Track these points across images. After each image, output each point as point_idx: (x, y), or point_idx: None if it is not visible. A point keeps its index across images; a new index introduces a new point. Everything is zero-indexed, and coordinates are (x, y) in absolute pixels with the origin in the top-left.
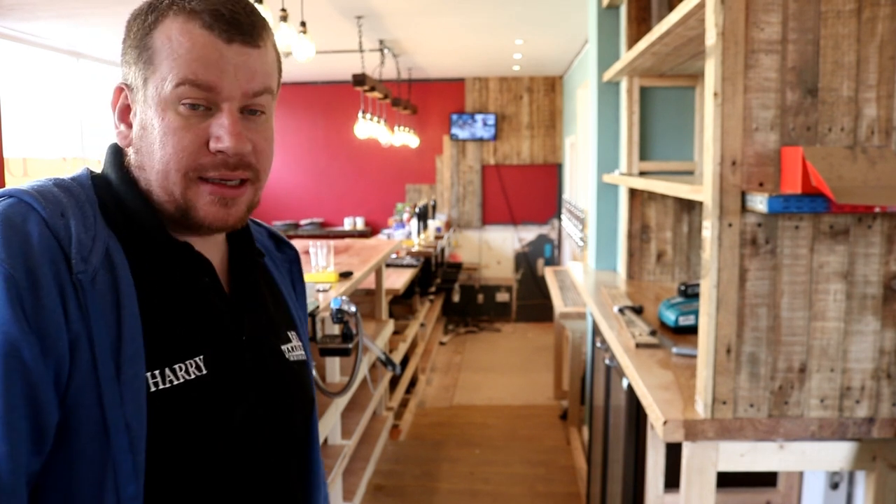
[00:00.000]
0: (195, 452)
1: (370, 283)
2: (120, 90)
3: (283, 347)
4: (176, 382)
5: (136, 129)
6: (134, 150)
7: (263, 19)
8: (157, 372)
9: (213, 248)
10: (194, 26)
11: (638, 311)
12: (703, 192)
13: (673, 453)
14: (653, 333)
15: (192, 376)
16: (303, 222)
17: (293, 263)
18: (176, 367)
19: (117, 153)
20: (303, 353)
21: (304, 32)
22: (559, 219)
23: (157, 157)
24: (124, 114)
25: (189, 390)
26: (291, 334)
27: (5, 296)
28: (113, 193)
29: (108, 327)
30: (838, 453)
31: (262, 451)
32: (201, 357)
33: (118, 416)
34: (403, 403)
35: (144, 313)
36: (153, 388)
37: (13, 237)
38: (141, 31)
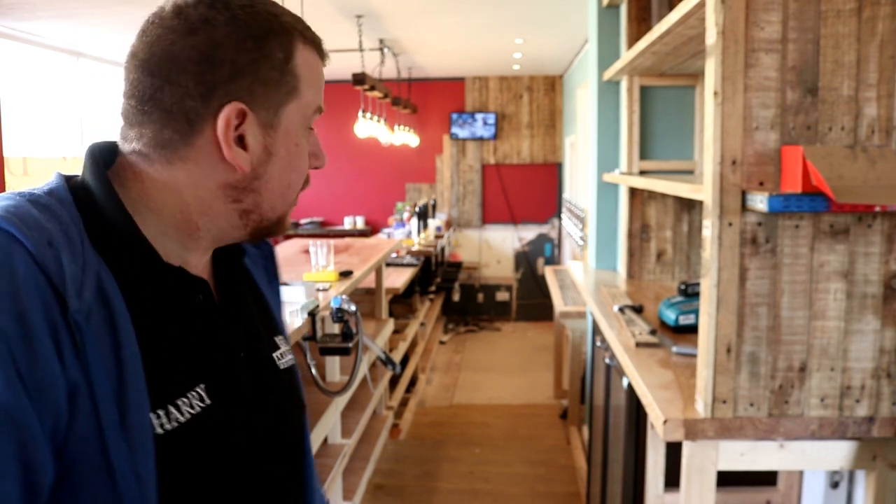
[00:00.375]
0: (205, 486)
1: (370, 282)
2: (241, 111)
3: (274, 356)
4: (182, 420)
5: (256, 154)
6: (245, 175)
7: None
8: (161, 412)
9: (204, 256)
10: (316, 56)
11: (638, 310)
12: (704, 191)
13: (673, 453)
14: (653, 333)
15: (197, 409)
16: (303, 221)
17: (268, 259)
18: (179, 402)
19: (98, 160)
20: (291, 357)
21: None
22: (559, 218)
23: (278, 181)
24: (237, 135)
25: (196, 426)
26: (279, 339)
27: None
28: (97, 209)
29: (108, 370)
30: (838, 452)
31: (265, 469)
32: (203, 386)
33: (126, 465)
34: (403, 403)
35: (143, 348)
36: (159, 431)
37: None
38: (279, 51)
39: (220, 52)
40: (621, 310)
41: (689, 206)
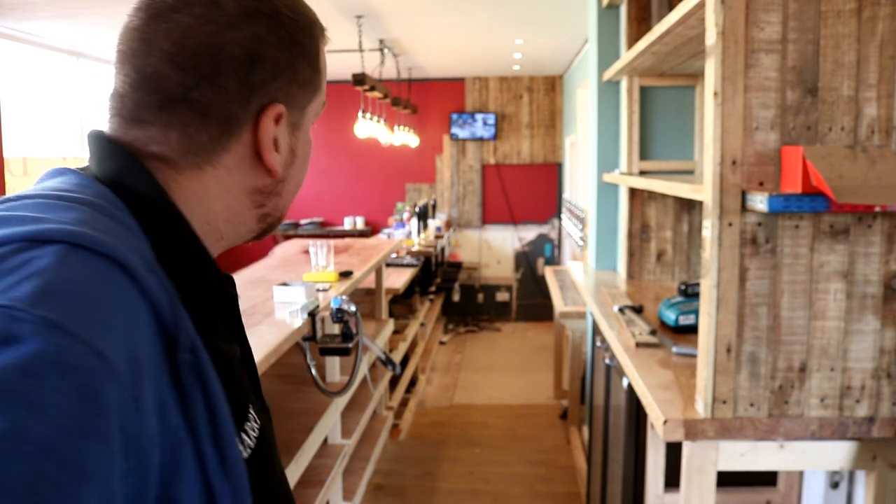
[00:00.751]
0: None
1: (370, 282)
2: (281, 113)
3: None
4: (252, 446)
5: (285, 156)
6: (277, 180)
7: None
8: (238, 442)
9: None
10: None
11: (638, 310)
12: (704, 191)
13: (673, 453)
14: (653, 333)
15: (256, 433)
16: (303, 222)
17: None
18: (247, 428)
19: (135, 158)
20: None
21: None
22: (559, 218)
23: (295, 182)
24: (277, 139)
25: (259, 451)
26: None
27: (101, 406)
28: (158, 224)
29: (203, 410)
30: (838, 453)
31: (284, 477)
32: (251, 408)
33: None
34: (403, 403)
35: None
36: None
37: (109, 313)
38: (313, 48)
39: (265, 49)
40: (621, 310)
41: (689, 207)
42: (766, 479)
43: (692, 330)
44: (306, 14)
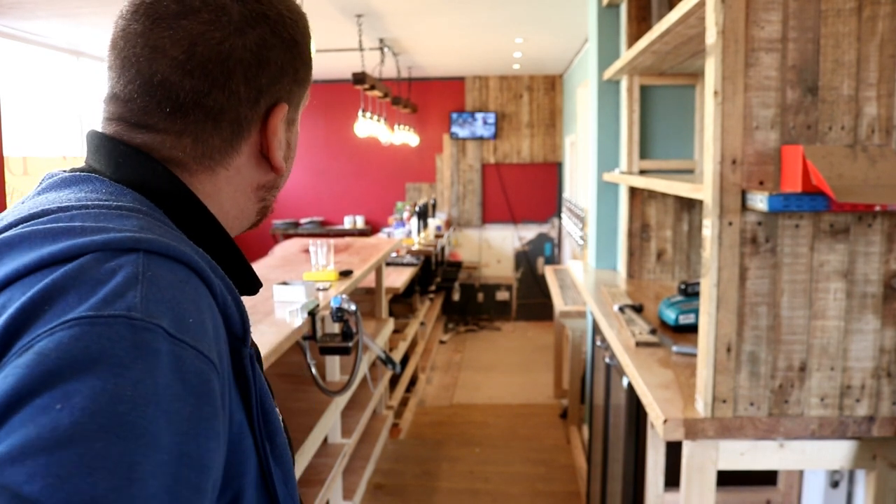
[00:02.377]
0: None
1: (370, 281)
2: (285, 112)
3: None
4: (283, 429)
5: (284, 151)
6: (276, 174)
7: None
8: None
9: None
10: None
11: (638, 309)
12: (704, 190)
13: (673, 452)
14: (653, 332)
15: (280, 418)
16: (303, 221)
17: None
18: (277, 413)
19: (161, 164)
20: None
21: None
22: (559, 217)
23: (287, 174)
24: (280, 137)
25: (287, 443)
26: None
27: (211, 405)
28: (195, 228)
29: (255, 402)
30: (838, 452)
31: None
32: (273, 399)
33: (283, 491)
34: (403, 402)
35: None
36: None
37: (201, 317)
38: (308, 48)
39: (270, 52)
40: (621, 309)
41: (689, 206)
42: (766, 478)
43: (692, 329)
44: (301, 13)
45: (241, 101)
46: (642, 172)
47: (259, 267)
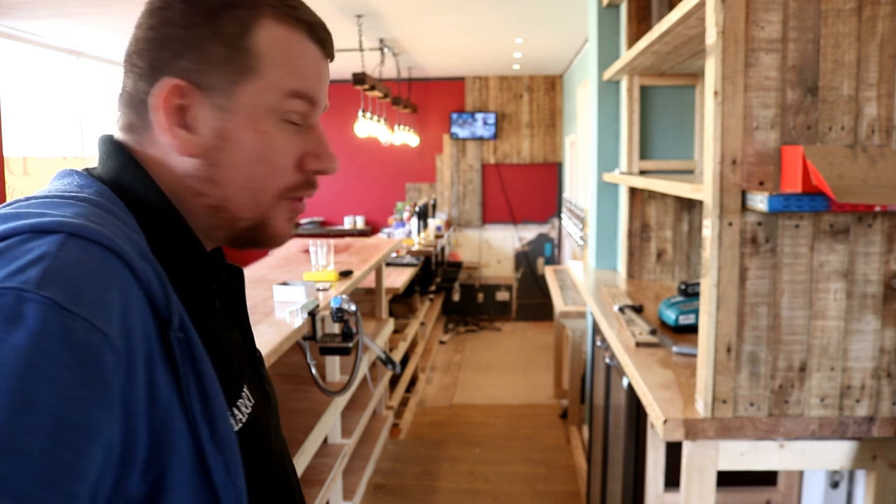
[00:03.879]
0: (256, 486)
1: (370, 281)
2: (177, 88)
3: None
4: (243, 422)
5: (207, 138)
6: (201, 162)
7: None
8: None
9: None
10: (303, 37)
11: (638, 309)
12: (704, 190)
13: (673, 452)
14: (653, 332)
15: (249, 409)
16: (303, 221)
17: None
18: (239, 405)
19: (127, 153)
20: None
21: None
22: (559, 218)
23: (244, 174)
24: (180, 116)
25: (251, 428)
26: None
27: (101, 375)
28: (151, 216)
29: (194, 386)
30: (838, 452)
31: (286, 460)
32: (246, 387)
33: (223, 476)
34: (403, 402)
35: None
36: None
37: (105, 294)
38: (231, 26)
39: (170, 29)
40: (621, 309)
41: (689, 206)
42: (766, 478)
43: (692, 329)
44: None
45: (142, 78)
46: (642, 173)
47: (259, 267)
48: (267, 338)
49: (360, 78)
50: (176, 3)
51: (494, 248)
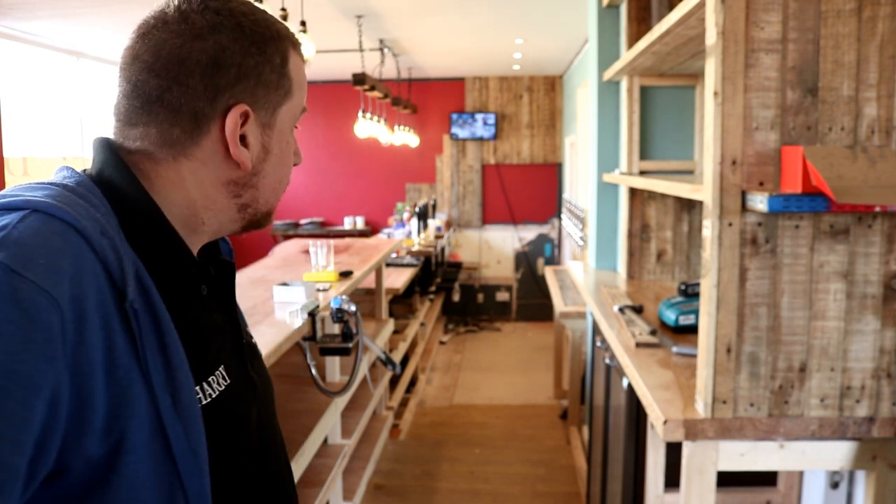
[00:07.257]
0: (227, 463)
1: (370, 282)
2: (245, 113)
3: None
4: (213, 395)
5: (256, 152)
6: (249, 172)
7: None
8: (197, 388)
9: (197, 248)
10: (301, 60)
11: (638, 310)
12: (704, 191)
13: (673, 453)
14: (653, 333)
15: (222, 387)
16: (303, 222)
17: (230, 255)
18: (210, 380)
19: (118, 154)
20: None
21: (304, 32)
22: (559, 218)
23: (273, 177)
24: (243, 135)
25: (221, 402)
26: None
27: (46, 332)
28: (125, 202)
29: (157, 356)
30: (838, 453)
31: (271, 446)
32: (222, 367)
33: (183, 444)
34: (403, 403)
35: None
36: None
37: (57, 261)
38: (278, 56)
39: (228, 56)
40: (621, 310)
41: (689, 206)
42: (766, 479)
43: (692, 330)
44: (270, 27)
45: (197, 97)
46: (642, 173)
47: (259, 268)
48: (267, 338)
49: (360, 78)
50: (227, 32)
51: (494, 248)
